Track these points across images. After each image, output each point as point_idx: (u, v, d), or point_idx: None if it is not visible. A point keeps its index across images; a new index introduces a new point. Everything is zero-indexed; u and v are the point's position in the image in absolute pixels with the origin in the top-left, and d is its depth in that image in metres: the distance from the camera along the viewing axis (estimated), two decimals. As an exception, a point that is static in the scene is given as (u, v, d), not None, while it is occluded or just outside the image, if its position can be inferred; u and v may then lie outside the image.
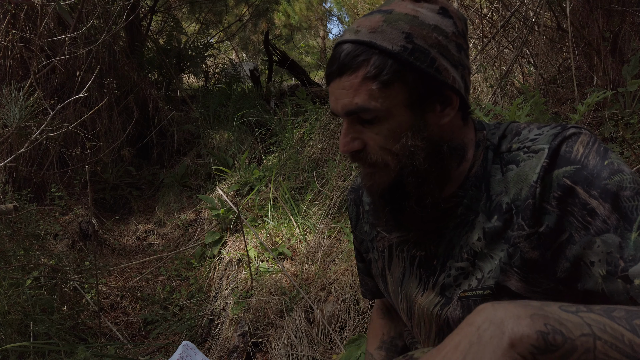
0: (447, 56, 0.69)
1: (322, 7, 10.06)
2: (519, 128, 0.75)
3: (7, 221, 2.66)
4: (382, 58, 0.66)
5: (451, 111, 0.71)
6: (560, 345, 0.47)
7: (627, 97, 2.39)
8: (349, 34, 0.70)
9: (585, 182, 0.63)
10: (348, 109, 0.69)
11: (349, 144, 0.72)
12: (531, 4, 3.36)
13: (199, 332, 2.42)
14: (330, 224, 2.68)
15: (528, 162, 0.69)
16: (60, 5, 2.47)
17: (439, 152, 0.71)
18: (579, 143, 0.66)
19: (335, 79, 0.70)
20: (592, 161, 0.64)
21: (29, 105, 2.03)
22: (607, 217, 0.61)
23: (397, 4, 0.71)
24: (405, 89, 0.68)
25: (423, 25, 0.68)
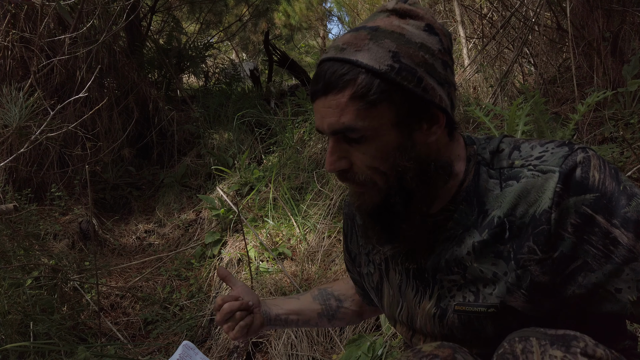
0: (433, 75, 0.68)
1: (322, 7, 10.06)
2: (517, 142, 0.74)
3: (7, 221, 2.65)
4: (369, 77, 0.65)
5: (438, 129, 0.70)
6: None
7: (627, 97, 2.39)
8: (333, 52, 0.69)
9: (605, 211, 0.63)
10: (334, 128, 0.68)
11: (335, 162, 0.71)
12: (531, 4, 3.35)
13: (199, 332, 2.43)
14: (331, 224, 2.68)
15: (532, 180, 0.68)
16: (60, 5, 2.47)
17: (426, 170, 0.71)
18: (593, 168, 0.65)
19: (321, 97, 0.69)
20: (609, 187, 0.64)
21: (29, 105, 2.03)
22: (632, 246, 0.62)
23: (382, 20, 0.70)
24: (393, 109, 0.67)
25: (410, 44, 0.67)
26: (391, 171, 0.70)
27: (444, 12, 4.48)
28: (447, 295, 0.75)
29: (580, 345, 0.53)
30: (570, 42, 2.63)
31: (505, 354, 0.57)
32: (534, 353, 0.55)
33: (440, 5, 4.55)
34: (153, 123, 4.63)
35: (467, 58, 3.81)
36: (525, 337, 0.57)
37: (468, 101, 3.20)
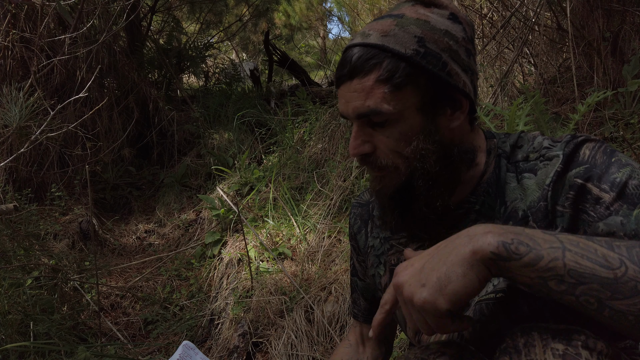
0: (457, 61, 0.70)
1: (322, 7, 10.06)
2: (534, 137, 0.76)
3: (8, 221, 2.66)
4: (394, 61, 0.67)
5: (461, 115, 0.72)
6: (524, 254, 0.53)
7: (628, 97, 2.39)
8: (359, 38, 0.70)
9: (595, 178, 0.65)
10: (360, 112, 0.69)
11: (359, 146, 0.72)
12: (531, 4, 3.35)
13: (199, 332, 2.43)
14: (331, 224, 2.68)
15: (544, 170, 0.71)
16: (60, 5, 2.46)
17: (449, 155, 0.72)
18: (585, 147, 0.69)
19: (346, 82, 0.70)
20: (600, 159, 0.66)
21: (29, 105, 2.03)
22: (611, 204, 0.63)
23: (407, 9, 0.71)
24: (418, 92, 0.68)
25: (434, 30, 0.69)
26: (414, 155, 0.71)
27: (444, 12, 4.48)
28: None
29: (581, 338, 0.54)
30: (570, 42, 2.63)
31: (508, 348, 0.58)
32: (536, 346, 0.55)
33: (440, 5, 4.55)
34: (153, 123, 4.63)
35: (467, 58, 3.81)
36: (527, 331, 0.57)
37: (468, 101, 3.20)
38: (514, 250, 0.53)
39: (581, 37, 2.71)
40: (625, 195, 0.62)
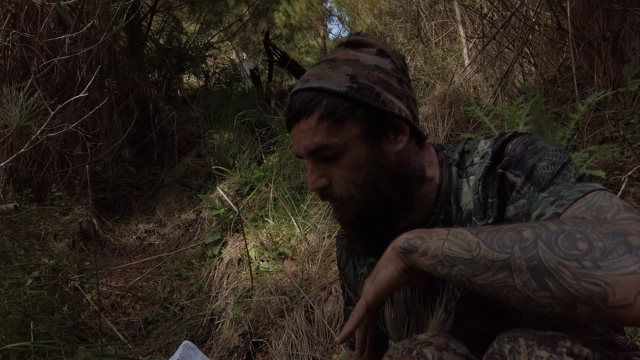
0: (390, 90, 0.76)
1: (323, 7, 10.05)
2: (477, 142, 0.82)
3: (8, 221, 2.66)
4: (332, 99, 0.74)
5: (403, 137, 0.78)
6: (419, 247, 0.64)
7: (628, 97, 2.39)
8: (300, 84, 0.78)
9: (511, 166, 0.72)
10: (310, 149, 0.75)
11: (315, 181, 0.78)
12: (531, 4, 3.35)
13: (199, 332, 2.43)
14: (331, 224, 2.68)
15: (478, 167, 0.78)
16: (60, 5, 2.46)
17: (399, 176, 0.78)
18: (510, 143, 0.74)
19: (295, 125, 0.77)
20: (518, 150, 0.72)
21: (29, 105, 2.03)
22: (521, 187, 0.69)
23: (339, 53, 0.79)
24: (358, 123, 0.75)
25: (364, 66, 0.76)
26: (366, 182, 0.77)
27: (444, 12, 4.48)
28: (452, 297, 0.78)
29: (566, 345, 0.55)
30: (570, 42, 2.63)
31: (494, 354, 0.59)
32: (521, 353, 0.56)
33: (440, 5, 4.55)
34: (153, 123, 4.63)
35: (467, 58, 3.81)
36: (514, 338, 0.59)
37: (468, 101, 3.20)
38: (413, 244, 0.65)
39: (581, 37, 2.71)
40: (533, 177, 0.68)
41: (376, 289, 0.68)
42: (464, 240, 0.61)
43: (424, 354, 0.65)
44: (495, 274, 0.56)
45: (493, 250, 0.57)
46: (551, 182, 0.66)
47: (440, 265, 0.62)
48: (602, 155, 2.04)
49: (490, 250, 0.57)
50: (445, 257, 0.61)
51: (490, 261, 0.57)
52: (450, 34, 4.35)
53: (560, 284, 0.51)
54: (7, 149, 3.16)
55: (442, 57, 4.09)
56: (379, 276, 0.68)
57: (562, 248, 0.52)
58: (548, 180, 0.67)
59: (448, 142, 2.92)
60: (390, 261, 0.67)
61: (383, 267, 0.68)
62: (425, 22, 4.54)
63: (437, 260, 0.62)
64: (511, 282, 0.55)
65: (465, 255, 0.59)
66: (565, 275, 0.50)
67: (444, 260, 0.61)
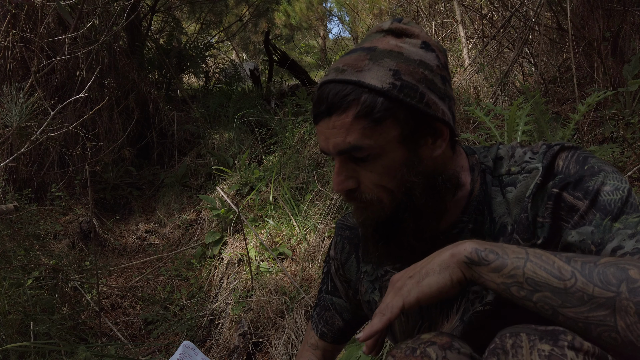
0: (434, 90, 0.69)
1: (323, 7, 10.05)
2: (513, 149, 0.77)
3: (8, 221, 2.66)
4: (372, 96, 0.66)
5: (442, 143, 0.72)
6: (492, 261, 0.59)
7: (628, 97, 2.39)
8: (334, 74, 0.69)
9: (569, 186, 0.67)
10: (341, 148, 0.69)
11: (342, 182, 0.72)
12: (531, 4, 3.35)
13: (199, 332, 2.43)
14: (331, 224, 2.68)
15: (524, 182, 0.72)
16: (60, 5, 2.47)
17: (434, 185, 0.72)
18: (559, 158, 0.70)
19: (325, 119, 0.69)
20: (573, 168, 0.68)
21: (29, 105, 2.03)
22: (585, 213, 0.65)
23: (379, 41, 0.71)
24: (397, 125, 0.68)
25: (409, 61, 0.68)
26: (399, 188, 0.71)
27: (444, 12, 4.48)
28: (470, 308, 0.76)
29: (567, 339, 0.55)
30: (570, 42, 2.63)
31: (496, 348, 0.59)
32: (523, 347, 0.56)
33: (440, 5, 4.55)
34: (153, 123, 4.63)
35: (467, 58, 3.81)
36: (515, 333, 0.58)
37: (468, 101, 3.20)
38: (484, 257, 0.60)
39: (581, 37, 2.71)
40: (598, 203, 0.64)
41: (421, 293, 0.62)
42: (552, 266, 0.56)
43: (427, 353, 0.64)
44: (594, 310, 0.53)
45: (594, 285, 0.53)
46: (621, 211, 0.63)
47: (517, 286, 0.57)
48: (602, 155, 2.04)
49: (589, 284, 0.53)
50: (527, 280, 0.57)
51: (589, 296, 0.53)
52: (450, 34, 4.35)
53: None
54: (7, 149, 3.16)
55: (442, 57, 4.09)
56: (428, 280, 0.62)
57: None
58: (618, 209, 0.63)
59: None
60: (446, 268, 0.62)
61: (435, 272, 0.62)
62: (425, 22, 4.54)
63: (514, 281, 0.58)
64: (611, 322, 0.52)
65: (555, 283, 0.55)
66: None
67: (524, 283, 0.57)
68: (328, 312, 1.02)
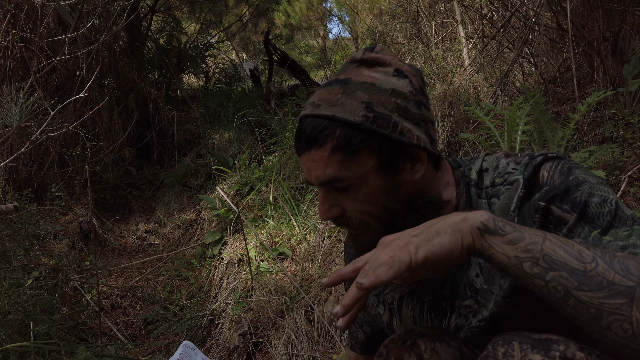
0: (408, 117, 0.71)
1: (322, 7, 10.05)
2: (497, 160, 0.77)
3: (8, 221, 2.66)
4: (346, 130, 0.68)
5: (421, 166, 0.74)
6: (509, 232, 0.57)
7: (628, 97, 2.39)
8: (310, 108, 0.72)
9: (555, 199, 0.67)
10: (322, 180, 0.72)
11: (327, 211, 0.75)
12: (531, 4, 3.36)
13: (199, 332, 2.43)
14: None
15: (506, 194, 0.72)
16: (60, 5, 2.47)
17: (416, 208, 0.74)
18: (543, 169, 0.70)
19: (305, 152, 0.72)
20: (558, 180, 0.68)
21: (29, 105, 2.03)
22: (574, 226, 0.65)
23: (352, 72, 0.73)
24: (374, 156, 0.70)
25: (380, 91, 0.70)
26: (382, 213, 0.73)
27: (444, 12, 4.48)
28: (465, 323, 0.76)
29: (560, 348, 0.55)
30: (570, 42, 2.63)
31: (488, 356, 0.59)
32: (515, 357, 0.56)
33: (440, 5, 4.55)
34: (153, 123, 4.63)
35: (467, 58, 3.81)
36: (508, 341, 0.59)
37: (468, 101, 3.20)
38: (501, 227, 0.58)
39: (581, 37, 2.71)
40: (587, 216, 0.64)
41: (430, 252, 0.57)
42: (572, 248, 0.55)
43: (417, 344, 0.65)
44: (611, 297, 0.52)
45: (615, 271, 0.53)
46: (611, 226, 0.63)
47: (531, 262, 0.55)
48: (602, 155, 2.04)
49: (611, 270, 0.53)
50: (545, 257, 0.55)
51: (609, 282, 0.52)
52: (450, 34, 4.35)
53: None
54: (7, 149, 3.16)
55: (442, 57, 4.09)
56: (438, 240, 0.58)
57: None
58: (608, 223, 0.63)
59: (448, 142, 2.92)
60: (457, 231, 0.58)
61: (447, 232, 0.58)
62: (425, 22, 4.54)
63: (530, 256, 0.56)
64: (627, 312, 0.51)
65: (574, 264, 0.54)
66: None
67: (541, 259, 0.55)
68: (353, 326, 1.08)
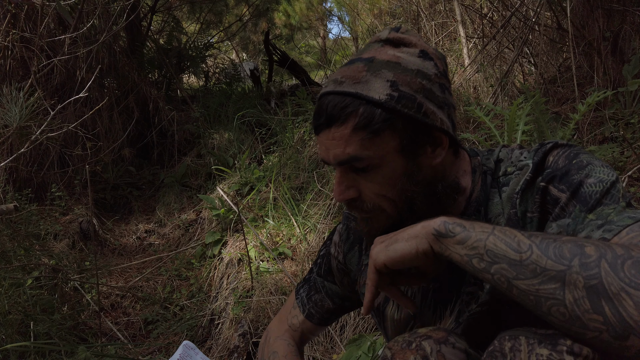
0: (432, 99, 0.70)
1: (322, 7, 10.06)
2: (512, 151, 0.78)
3: (8, 221, 2.66)
4: (370, 108, 0.67)
5: (442, 151, 0.73)
6: (457, 233, 0.61)
7: (628, 97, 2.39)
8: (332, 85, 0.71)
9: (555, 179, 0.68)
10: (341, 159, 0.70)
11: (343, 192, 0.73)
12: (531, 4, 3.36)
13: (199, 332, 2.43)
14: (331, 224, 2.68)
15: (515, 179, 0.73)
16: (60, 5, 2.47)
17: (434, 192, 0.74)
18: (551, 155, 0.71)
19: (324, 130, 0.70)
20: (562, 163, 0.69)
21: (29, 105, 2.03)
22: (566, 204, 0.66)
23: (377, 51, 0.72)
24: (396, 136, 0.69)
25: (406, 71, 0.69)
26: (399, 197, 0.72)
27: (444, 12, 4.48)
28: (466, 309, 0.76)
29: (567, 343, 0.54)
30: (570, 41, 2.63)
31: (495, 351, 0.59)
32: (522, 351, 0.56)
33: (440, 5, 4.55)
34: (153, 123, 4.63)
35: (467, 58, 3.81)
36: (515, 336, 0.58)
37: (468, 101, 3.20)
38: (450, 229, 0.62)
39: (581, 36, 2.72)
40: (579, 195, 0.65)
41: (387, 258, 0.65)
42: (513, 239, 0.57)
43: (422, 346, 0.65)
44: (545, 283, 0.54)
45: (548, 257, 0.54)
46: (599, 202, 0.63)
47: (478, 258, 0.59)
48: (602, 155, 2.04)
49: (544, 256, 0.54)
50: (487, 252, 0.58)
51: (542, 268, 0.54)
52: (450, 34, 4.35)
53: (619, 311, 0.49)
54: (7, 149, 3.17)
55: (442, 57, 4.09)
56: (395, 246, 0.65)
57: (627, 274, 0.50)
58: (596, 200, 0.63)
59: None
60: (414, 237, 0.64)
61: (404, 240, 0.65)
62: (425, 22, 4.54)
63: (476, 253, 0.59)
64: (560, 295, 0.52)
65: (512, 255, 0.56)
66: (627, 303, 0.48)
67: (485, 255, 0.58)
68: (318, 295, 1.03)
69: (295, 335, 1.06)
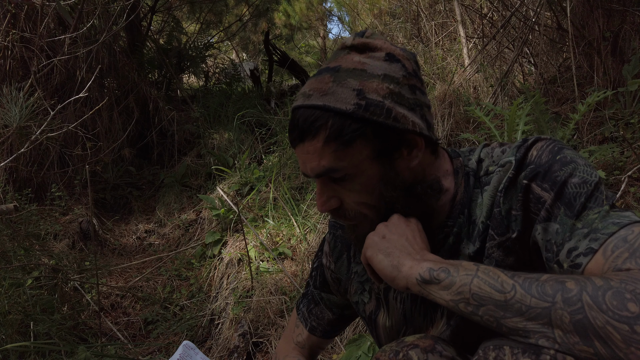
0: (401, 102, 0.69)
1: (322, 7, 10.05)
2: (492, 150, 0.77)
3: (8, 221, 2.66)
4: (338, 119, 0.67)
5: (418, 152, 0.72)
6: (442, 280, 0.62)
7: (628, 97, 2.39)
8: (302, 99, 0.71)
9: (538, 177, 0.67)
10: (317, 172, 0.70)
11: (325, 203, 0.73)
12: (531, 4, 3.36)
13: (199, 332, 2.43)
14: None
15: (497, 177, 0.72)
16: (60, 5, 2.47)
17: (414, 194, 0.73)
18: (534, 148, 0.70)
19: (299, 145, 0.71)
20: (545, 159, 0.68)
21: (29, 105, 2.03)
22: (550, 206, 0.65)
23: (343, 59, 0.71)
24: (368, 144, 0.69)
25: (372, 77, 0.68)
26: (379, 203, 0.73)
27: (444, 12, 4.48)
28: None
29: (550, 352, 0.55)
30: (570, 41, 2.63)
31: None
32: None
33: (440, 5, 4.55)
34: (153, 123, 4.63)
35: (467, 58, 3.81)
36: (499, 346, 0.59)
37: (468, 101, 3.20)
38: (435, 276, 0.62)
39: (581, 37, 2.72)
40: (564, 196, 0.64)
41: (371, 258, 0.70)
42: (496, 280, 0.58)
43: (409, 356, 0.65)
44: (532, 319, 0.55)
45: (531, 296, 0.55)
46: (584, 207, 0.63)
47: (465, 303, 0.60)
48: (602, 155, 2.04)
49: (527, 295, 0.56)
50: (473, 296, 0.59)
51: (527, 306, 0.55)
52: (450, 34, 4.35)
53: (608, 345, 0.50)
54: (7, 149, 3.17)
55: (442, 57, 4.09)
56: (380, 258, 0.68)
57: (610, 306, 0.50)
58: (581, 205, 0.63)
59: (448, 142, 2.92)
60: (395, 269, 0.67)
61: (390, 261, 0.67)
62: (425, 22, 4.54)
63: (462, 298, 0.60)
64: (550, 332, 0.54)
65: (496, 296, 0.57)
66: (614, 337, 0.49)
67: (471, 299, 0.59)
68: (317, 307, 1.03)
69: (303, 352, 1.06)
